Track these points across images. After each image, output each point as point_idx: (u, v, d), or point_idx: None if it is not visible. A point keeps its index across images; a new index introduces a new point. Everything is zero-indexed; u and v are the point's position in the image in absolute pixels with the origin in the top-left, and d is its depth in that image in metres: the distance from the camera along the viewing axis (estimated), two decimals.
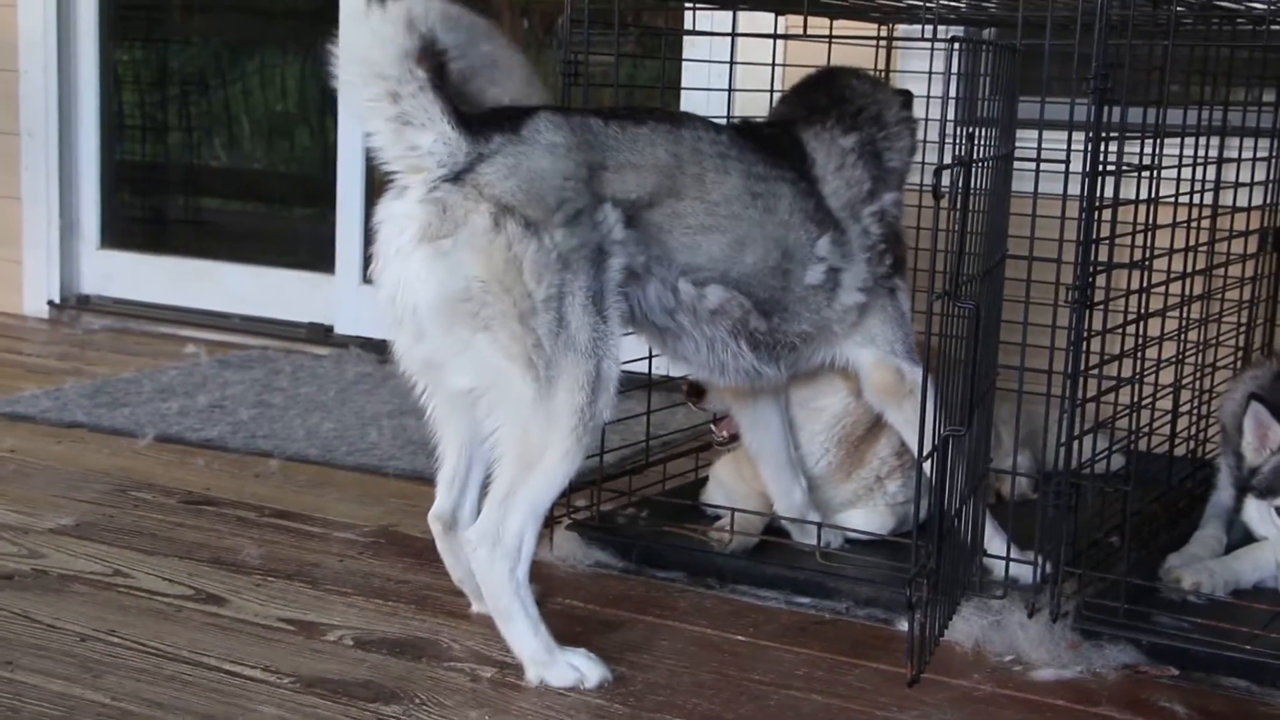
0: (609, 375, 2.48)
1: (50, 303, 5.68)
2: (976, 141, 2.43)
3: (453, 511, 2.73)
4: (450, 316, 2.43)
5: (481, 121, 2.47)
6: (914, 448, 2.87)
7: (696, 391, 3.17)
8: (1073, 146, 2.58)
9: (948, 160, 2.34)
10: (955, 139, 2.36)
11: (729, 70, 3.37)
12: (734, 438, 3.18)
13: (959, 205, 2.37)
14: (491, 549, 2.44)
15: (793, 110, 2.97)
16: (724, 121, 2.90)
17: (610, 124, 2.58)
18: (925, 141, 3.06)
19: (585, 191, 2.49)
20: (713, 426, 3.31)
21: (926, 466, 2.48)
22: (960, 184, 2.37)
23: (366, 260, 2.60)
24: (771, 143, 2.82)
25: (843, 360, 2.91)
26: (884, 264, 2.86)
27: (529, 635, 2.46)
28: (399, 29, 2.37)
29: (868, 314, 2.85)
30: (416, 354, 2.52)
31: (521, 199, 2.42)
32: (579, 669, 2.44)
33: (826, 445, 3.08)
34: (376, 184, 3.10)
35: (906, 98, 3.01)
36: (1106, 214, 2.58)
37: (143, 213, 6.24)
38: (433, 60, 2.39)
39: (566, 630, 2.65)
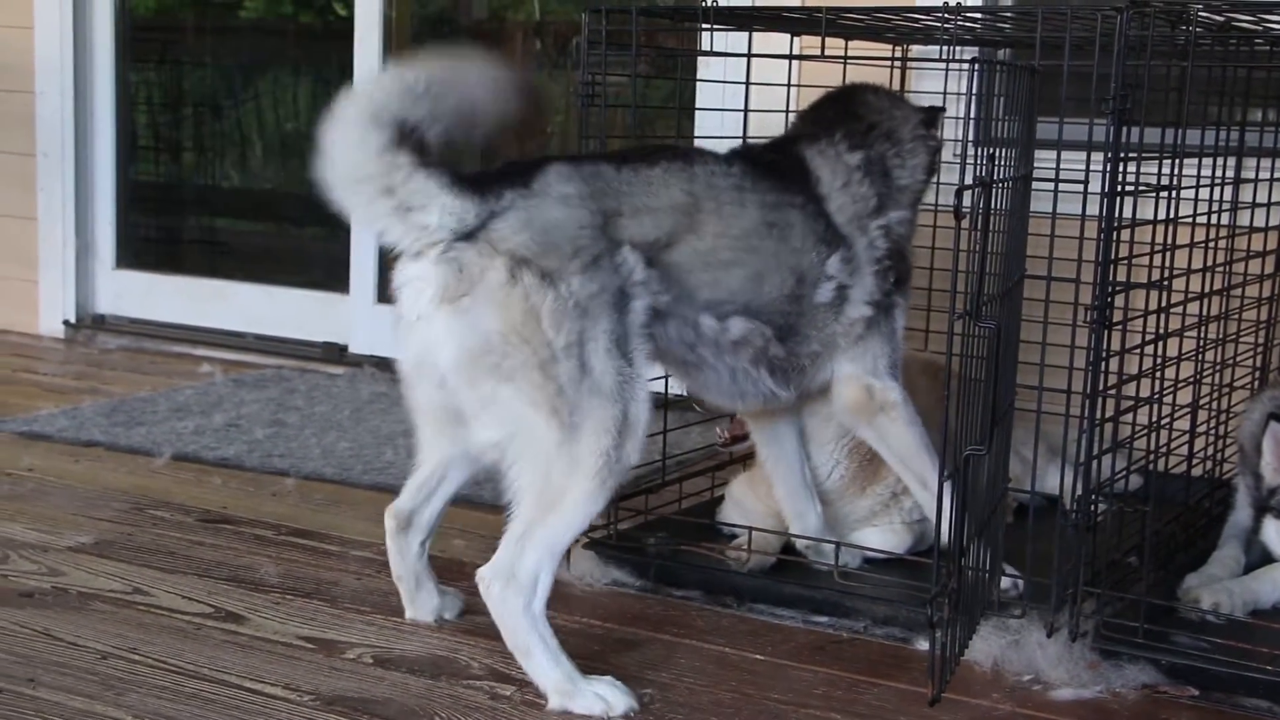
0: (636, 419, 2.48)
1: (66, 322, 5.70)
2: (996, 162, 2.43)
3: (411, 513, 2.76)
4: (473, 371, 2.45)
5: (492, 179, 2.49)
6: (891, 463, 2.93)
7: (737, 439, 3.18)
8: (1091, 167, 2.58)
9: (968, 181, 2.35)
10: (975, 160, 2.37)
11: (744, 91, 3.38)
12: (736, 439, 3.19)
13: (979, 226, 2.38)
14: (505, 585, 2.44)
15: (801, 128, 2.99)
16: (728, 149, 2.89)
17: (623, 170, 2.60)
18: (943, 162, 3.07)
19: (602, 238, 2.50)
20: (717, 429, 3.32)
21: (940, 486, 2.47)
22: (980, 205, 2.37)
23: (381, 280, 2.63)
24: (776, 168, 2.83)
25: (831, 374, 2.91)
26: (888, 280, 2.87)
27: (550, 667, 2.45)
28: (366, 127, 2.37)
29: (870, 330, 2.86)
30: (435, 401, 2.56)
31: (536, 250, 2.44)
32: (604, 698, 2.42)
33: (837, 456, 3.08)
34: None
35: (929, 115, 3.01)
36: (1125, 234, 2.59)
37: (158, 233, 6.27)
38: (411, 140, 2.39)
39: (584, 648, 2.66)
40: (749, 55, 3.31)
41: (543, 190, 2.49)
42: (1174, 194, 2.79)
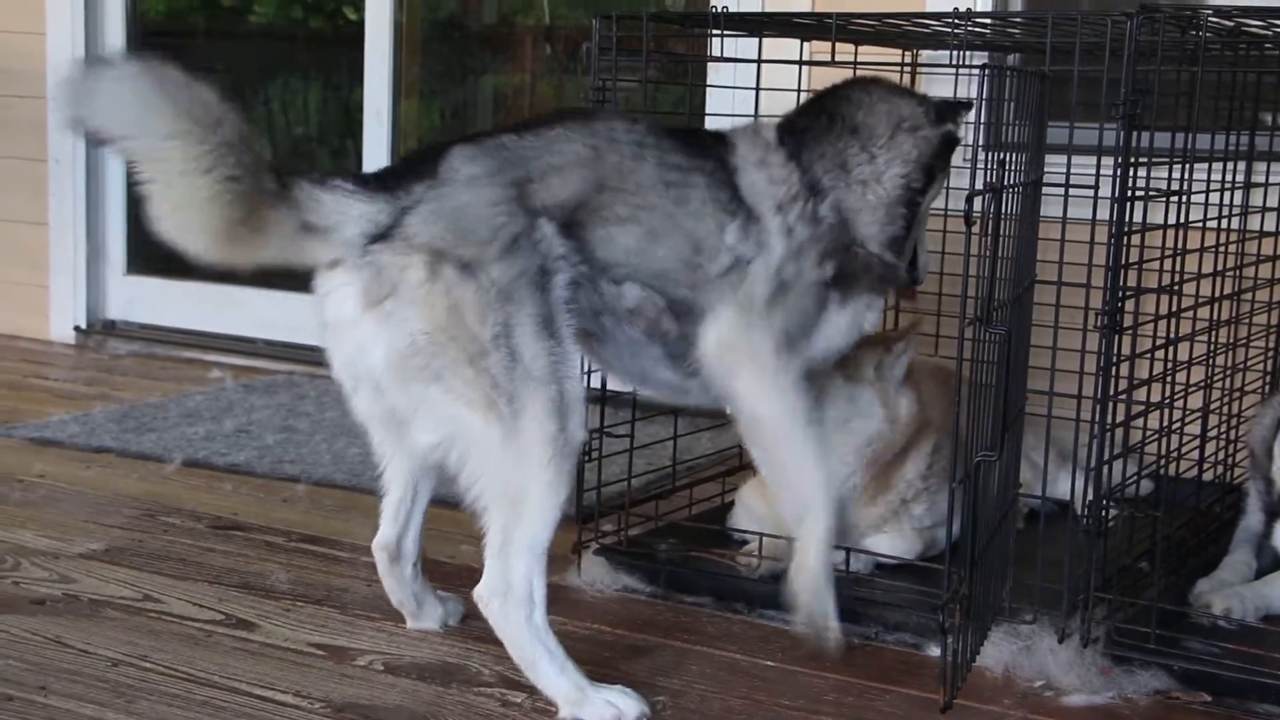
0: (574, 395, 2.44)
1: (77, 328, 5.71)
2: (1007, 167, 2.43)
3: (398, 542, 2.75)
4: (403, 373, 2.42)
5: (397, 174, 2.47)
6: (749, 440, 2.78)
7: None
8: (1101, 172, 2.58)
9: (978, 186, 2.34)
10: (986, 165, 2.36)
11: (754, 96, 3.38)
12: None
13: (990, 231, 2.38)
14: (504, 601, 2.43)
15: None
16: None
17: (525, 135, 2.56)
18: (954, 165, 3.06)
19: (518, 211, 2.46)
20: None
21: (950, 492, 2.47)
22: (991, 210, 2.37)
23: None
24: (692, 135, 2.77)
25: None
26: (818, 270, 2.69)
27: (557, 677, 2.43)
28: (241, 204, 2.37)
29: (772, 300, 2.65)
30: (375, 409, 2.53)
31: (452, 240, 2.40)
32: (616, 705, 2.41)
33: (855, 466, 3.07)
34: None
35: (939, 110, 2.82)
36: (1135, 239, 2.59)
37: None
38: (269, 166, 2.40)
39: (595, 654, 2.66)
40: (759, 60, 3.30)
41: (449, 176, 2.45)
42: (1184, 199, 2.79)
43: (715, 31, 3.20)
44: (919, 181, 2.79)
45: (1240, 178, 3.35)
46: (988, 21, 3.16)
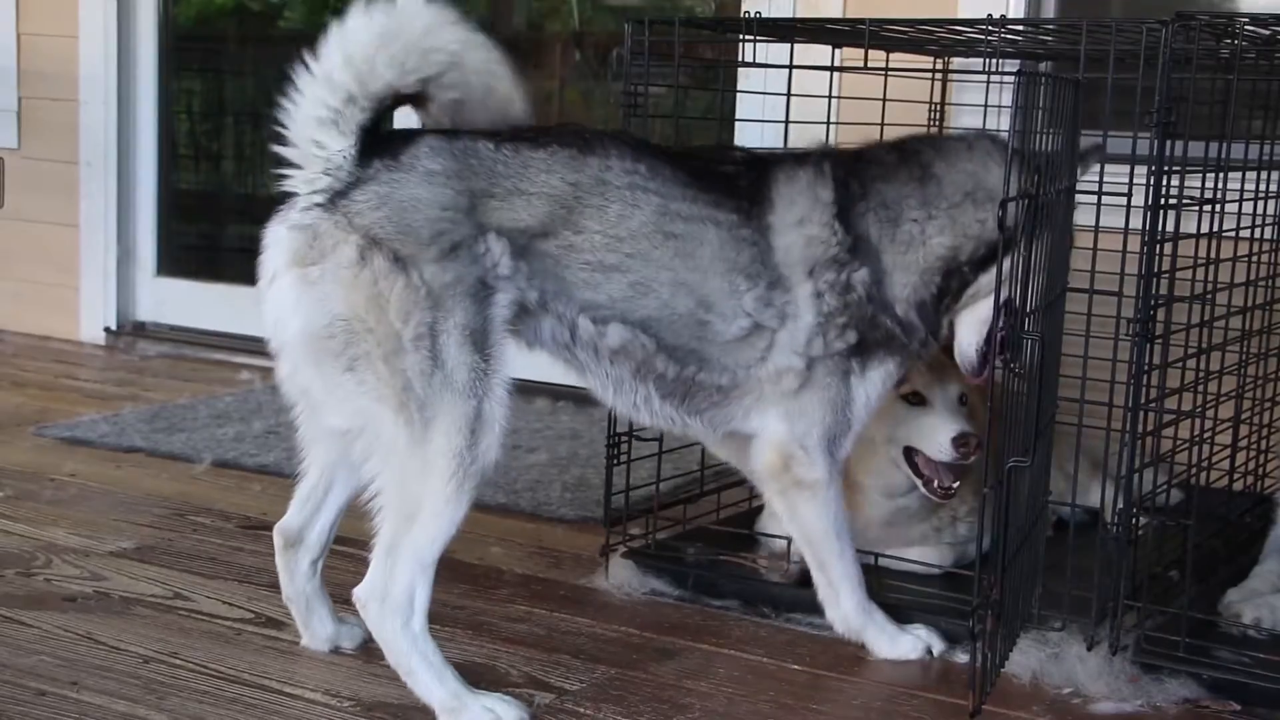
0: (491, 416, 2.37)
1: (107, 329, 5.74)
2: (1042, 175, 2.42)
3: (300, 530, 2.66)
4: (317, 352, 2.36)
5: (371, 144, 2.39)
6: (796, 540, 2.79)
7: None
8: (1134, 180, 2.57)
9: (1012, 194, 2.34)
10: (1020, 172, 2.36)
11: (785, 103, 3.38)
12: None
13: (1023, 237, 2.37)
14: (381, 605, 2.38)
15: (810, 149, 2.77)
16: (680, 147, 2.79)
17: (502, 148, 2.46)
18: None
19: (466, 222, 2.39)
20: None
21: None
22: (1025, 217, 2.37)
23: None
24: (717, 180, 2.62)
25: (757, 424, 2.71)
26: (841, 340, 2.65)
27: (434, 685, 2.39)
28: (401, 36, 2.36)
29: (806, 389, 2.65)
30: (294, 382, 2.47)
31: (390, 231, 2.34)
32: (494, 711, 2.36)
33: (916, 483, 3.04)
34: None
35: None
36: (1168, 248, 2.58)
37: (198, 240, 6.31)
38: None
39: (623, 658, 2.67)
40: (790, 66, 3.31)
41: (409, 164, 2.38)
42: (1218, 208, 2.78)
43: (747, 37, 3.20)
44: (970, 255, 2.66)
45: (1274, 187, 3.34)
46: (1020, 28, 3.16)
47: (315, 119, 2.37)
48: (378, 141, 2.40)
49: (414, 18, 2.41)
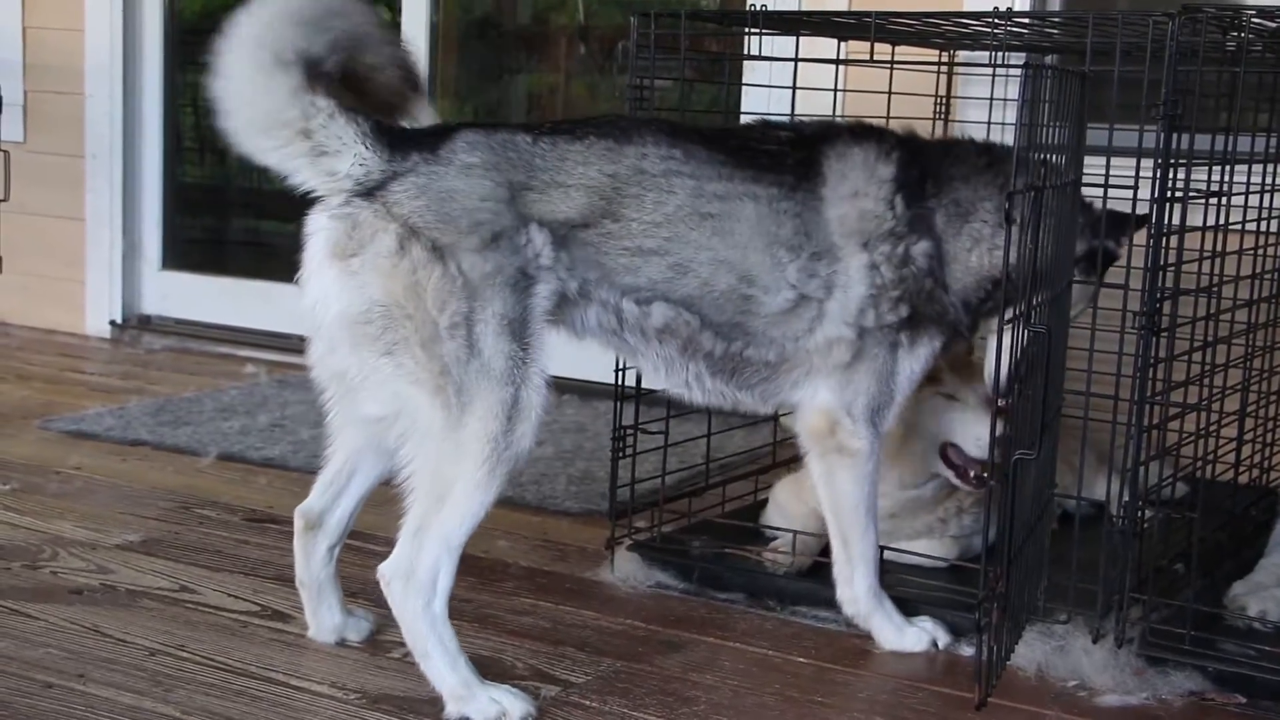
0: (528, 403, 2.39)
1: (112, 322, 5.75)
2: (1048, 167, 2.42)
3: (320, 514, 2.67)
4: (355, 336, 2.38)
5: (404, 138, 2.43)
6: (824, 507, 2.79)
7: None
8: (1141, 173, 2.57)
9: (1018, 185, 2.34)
10: (1028, 164, 2.36)
11: (790, 96, 3.38)
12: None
13: (1030, 229, 2.37)
14: (405, 584, 2.39)
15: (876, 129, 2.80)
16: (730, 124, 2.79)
17: (540, 141, 2.50)
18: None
19: (506, 213, 2.42)
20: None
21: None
22: (1031, 209, 2.36)
23: None
24: (758, 156, 2.65)
25: (807, 394, 2.74)
26: (894, 312, 2.68)
27: (447, 671, 2.40)
28: (276, 69, 2.32)
29: (858, 360, 2.68)
30: (328, 365, 2.48)
31: (430, 220, 2.36)
32: (500, 703, 2.37)
33: (932, 471, 3.06)
34: None
35: (1094, 224, 2.78)
36: (1174, 240, 2.58)
37: (203, 234, 6.32)
38: (326, 80, 2.34)
39: (628, 650, 2.67)
40: (795, 60, 3.31)
41: (448, 157, 2.41)
42: (1224, 200, 2.77)
43: (753, 30, 3.20)
44: (981, 229, 2.71)
45: None
46: (1027, 21, 3.16)
47: (305, 161, 2.39)
48: (415, 136, 2.44)
49: None
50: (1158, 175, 2.52)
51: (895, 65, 3.47)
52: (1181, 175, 2.57)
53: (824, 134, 2.75)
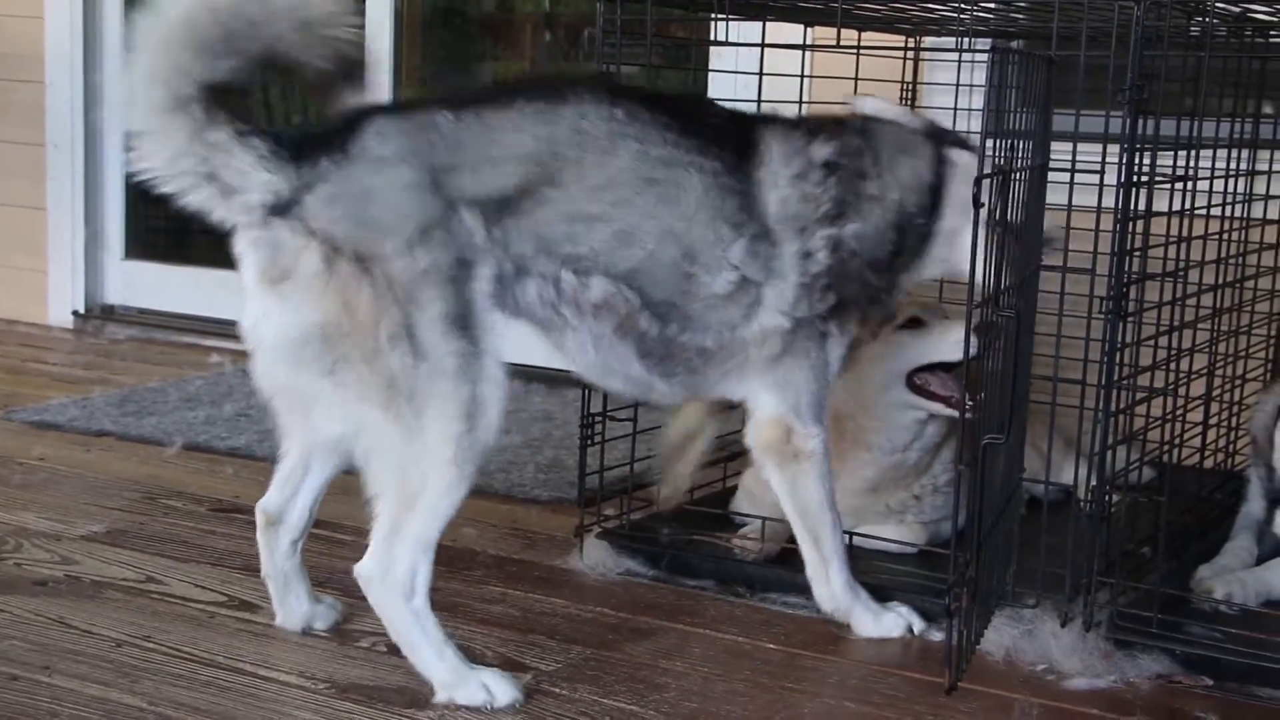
0: (487, 398, 2.33)
1: (75, 313, 5.71)
2: (1015, 152, 2.43)
3: (280, 510, 2.64)
4: (294, 359, 2.32)
5: (311, 143, 2.30)
6: (790, 514, 2.77)
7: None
8: (1107, 158, 2.58)
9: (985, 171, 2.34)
10: (993, 150, 2.36)
11: (757, 82, 3.38)
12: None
13: (997, 215, 2.37)
14: (382, 583, 2.37)
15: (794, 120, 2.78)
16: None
17: (463, 116, 2.38)
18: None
19: (432, 201, 2.31)
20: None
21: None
22: (998, 194, 2.37)
23: None
24: (704, 126, 2.57)
25: (743, 396, 2.72)
26: (823, 301, 2.63)
27: (434, 661, 2.39)
28: (174, 111, 2.21)
29: (788, 353, 2.64)
30: (271, 381, 2.43)
31: (350, 229, 2.26)
32: (489, 687, 2.37)
33: (915, 445, 3.08)
34: None
35: (929, 133, 2.78)
36: (1140, 225, 2.59)
37: (166, 223, 6.24)
38: (223, 109, 2.23)
39: (598, 638, 2.67)
40: (762, 45, 3.30)
41: (359, 154, 2.29)
42: (1189, 186, 2.79)
43: (719, 15, 3.19)
44: (914, 205, 2.71)
45: (1245, 165, 3.35)
46: (993, 6, 3.16)
47: (212, 197, 2.29)
48: (323, 137, 2.33)
49: None
50: (1124, 160, 2.53)
51: (862, 51, 3.47)
52: (1147, 160, 2.58)
53: (760, 116, 2.74)
